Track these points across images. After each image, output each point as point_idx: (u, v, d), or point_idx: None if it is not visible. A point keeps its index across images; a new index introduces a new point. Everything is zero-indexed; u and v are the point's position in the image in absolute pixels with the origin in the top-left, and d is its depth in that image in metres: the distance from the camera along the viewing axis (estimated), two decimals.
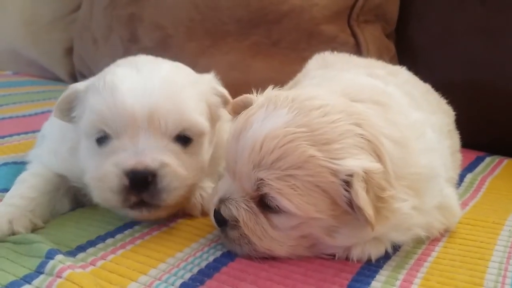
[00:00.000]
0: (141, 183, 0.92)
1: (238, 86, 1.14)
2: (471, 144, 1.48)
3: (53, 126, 1.18)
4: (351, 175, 0.77)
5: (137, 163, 0.92)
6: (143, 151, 0.93)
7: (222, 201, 0.88)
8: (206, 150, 1.05)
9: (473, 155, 1.55)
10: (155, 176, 0.92)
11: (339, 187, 0.79)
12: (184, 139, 0.99)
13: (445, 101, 1.31)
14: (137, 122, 0.94)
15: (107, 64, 1.08)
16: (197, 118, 1.00)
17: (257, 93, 0.95)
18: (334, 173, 0.78)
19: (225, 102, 1.11)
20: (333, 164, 0.78)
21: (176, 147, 0.97)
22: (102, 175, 0.94)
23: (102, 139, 0.97)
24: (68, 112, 1.05)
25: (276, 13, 1.68)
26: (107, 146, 0.96)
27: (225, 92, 1.11)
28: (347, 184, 0.78)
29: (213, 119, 1.08)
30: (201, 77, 1.11)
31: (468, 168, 1.41)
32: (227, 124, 1.20)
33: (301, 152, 0.78)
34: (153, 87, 0.96)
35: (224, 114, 1.15)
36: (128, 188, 0.92)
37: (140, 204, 0.94)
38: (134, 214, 0.96)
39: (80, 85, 1.05)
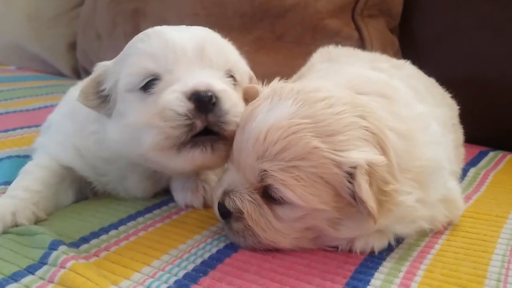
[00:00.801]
0: (206, 104, 0.88)
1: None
2: (474, 139, 1.47)
3: (63, 118, 1.16)
4: (354, 167, 0.77)
5: (200, 84, 0.89)
6: (202, 76, 0.92)
7: (226, 193, 0.88)
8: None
9: (476, 149, 1.54)
10: (218, 98, 0.89)
11: (343, 179, 0.78)
12: (232, 79, 0.99)
13: (449, 95, 1.30)
14: (189, 56, 0.94)
15: (110, 58, 1.06)
16: (239, 63, 1.03)
17: (263, 85, 0.96)
18: (338, 164, 0.78)
19: (250, 79, 1.10)
20: (337, 156, 0.78)
21: (229, 81, 0.97)
22: (163, 104, 0.89)
23: (149, 85, 0.93)
24: (94, 95, 1.01)
25: (280, 7, 1.68)
26: (158, 86, 0.93)
27: (251, 72, 1.12)
28: (351, 176, 0.78)
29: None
30: None
31: (472, 163, 1.41)
32: None
33: (305, 143, 0.78)
34: (199, 32, 1.00)
35: None
36: (193, 112, 0.88)
37: (203, 139, 0.90)
38: (195, 154, 0.90)
39: (107, 62, 1.03)
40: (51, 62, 2.61)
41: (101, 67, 1.03)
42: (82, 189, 1.12)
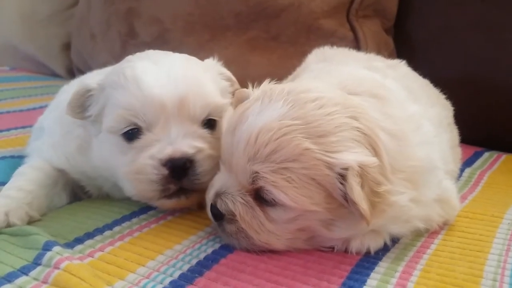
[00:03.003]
0: (180, 171, 0.94)
1: (237, 81, 1.14)
2: (469, 139, 1.48)
3: (54, 121, 1.16)
4: (346, 169, 0.77)
5: (174, 152, 0.94)
6: (176, 139, 0.95)
7: (218, 195, 0.87)
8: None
9: (471, 150, 1.55)
10: (192, 162, 0.94)
11: (335, 180, 0.78)
12: (210, 123, 1.01)
13: (443, 95, 1.30)
14: (168, 111, 0.95)
15: (105, 59, 1.07)
16: (219, 99, 1.02)
17: (253, 87, 0.95)
18: (329, 166, 0.78)
19: (232, 84, 1.12)
20: (328, 158, 0.78)
21: (205, 132, 0.99)
22: (139, 168, 0.95)
23: (131, 133, 0.97)
24: (80, 109, 1.04)
25: (275, 7, 1.68)
26: (139, 139, 0.96)
27: (230, 74, 1.13)
28: (343, 177, 0.77)
29: (226, 103, 1.08)
30: (206, 62, 1.12)
31: (467, 163, 1.42)
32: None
33: (296, 144, 0.78)
34: (177, 77, 0.98)
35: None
36: (168, 177, 0.94)
37: (179, 191, 0.96)
38: (171, 203, 0.98)
39: (91, 83, 1.03)
40: (45, 63, 2.59)
41: (84, 87, 1.03)
42: (76, 191, 1.12)
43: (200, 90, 0.99)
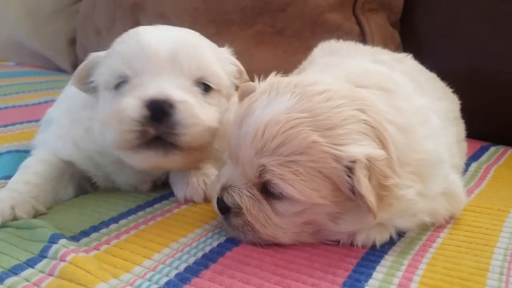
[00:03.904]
0: (160, 113, 0.91)
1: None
2: (475, 134, 1.47)
3: (61, 111, 1.17)
4: (354, 162, 0.76)
5: (158, 93, 0.93)
6: (165, 85, 0.94)
7: (224, 188, 0.87)
8: (221, 110, 1.05)
9: (477, 144, 1.54)
10: (173, 108, 0.92)
11: (342, 173, 0.78)
12: (204, 87, 1.00)
13: (450, 89, 1.30)
14: (160, 61, 0.96)
15: None
16: (217, 68, 1.03)
17: (259, 80, 0.95)
18: (337, 159, 0.77)
19: (240, 74, 1.14)
20: (336, 150, 0.77)
21: (197, 90, 0.99)
22: (121, 108, 0.93)
23: (120, 85, 0.97)
24: (85, 80, 1.06)
25: (281, 1, 1.68)
26: (125, 87, 0.96)
27: (240, 65, 1.14)
28: (350, 170, 0.77)
29: (229, 89, 1.10)
30: (217, 47, 1.13)
31: (473, 157, 1.41)
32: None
33: (304, 137, 0.78)
34: (177, 36, 1.01)
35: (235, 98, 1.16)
36: (147, 118, 0.91)
37: (157, 142, 0.93)
38: (148, 156, 0.95)
39: (100, 53, 1.06)
40: (51, 58, 2.60)
41: (93, 57, 1.07)
42: (82, 183, 1.12)
43: (197, 52, 1.00)
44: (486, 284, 0.77)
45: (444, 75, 1.30)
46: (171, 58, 0.96)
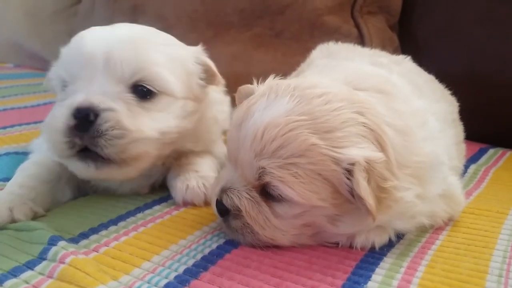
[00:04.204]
0: (84, 122, 0.88)
1: (240, 77, 1.13)
2: (474, 136, 1.47)
3: None
4: (353, 164, 0.77)
5: (83, 101, 0.89)
6: (93, 93, 0.91)
7: (224, 190, 0.87)
8: (178, 115, 1.01)
9: (476, 147, 1.54)
10: (97, 116, 0.89)
11: (341, 175, 0.78)
12: (143, 92, 0.96)
13: (448, 91, 1.30)
14: (93, 65, 0.92)
15: None
16: (160, 70, 0.97)
17: (258, 83, 0.95)
18: (336, 161, 0.77)
19: (209, 74, 1.09)
20: (335, 153, 0.78)
21: (131, 97, 0.94)
22: (52, 118, 0.92)
23: (63, 89, 0.96)
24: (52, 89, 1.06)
25: (279, 4, 1.68)
26: (63, 93, 0.95)
27: (209, 63, 1.09)
28: (349, 173, 0.77)
29: (194, 90, 1.06)
30: (183, 45, 1.10)
31: (472, 159, 1.41)
32: (219, 106, 1.20)
33: (303, 140, 0.78)
34: (116, 36, 0.97)
35: (215, 95, 1.16)
36: (73, 129, 0.89)
37: (88, 154, 0.91)
38: (81, 166, 0.93)
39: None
40: (50, 60, 2.59)
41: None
42: (81, 186, 1.11)
43: (136, 53, 0.95)
44: (485, 286, 0.78)
45: (443, 77, 1.31)
46: (105, 61, 0.93)
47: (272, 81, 0.93)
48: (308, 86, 0.85)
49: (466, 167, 1.32)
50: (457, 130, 1.21)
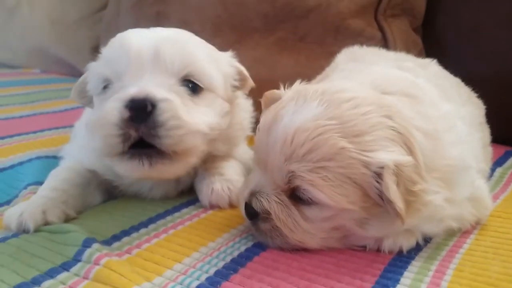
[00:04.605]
0: (140, 113, 0.86)
1: (264, 81, 1.15)
2: (500, 139, 1.46)
3: (82, 122, 1.20)
4: (382, 168, 0.77)
5: (137, 92, 0.88)
6: (147, 85, 0.90)
7: (253, 194, 0.88)
8: (218, 112, 1.02)
9: (502, 149, 1.53)
10: (155, 107, 0.87)
11: (371, 179, 0.79)
12: (192, 86, 0.96)
13: (475, 94, 1.29)
14: (142, 61, 0.92)
15: None
16: (206, 65, 0.98)
17: (284, 88, 0.96)
18: (366, 165, 0.78)
19: (241, 78, 1.11)
20: (364, 156, 0.78)
21: (182, 90, 0.95)
22: (103, 113, 0.89)
23: (106, 89, 0.95)
24: (83, 93, 1.06)
25: (303, 8, 1.68)
26: (108, 91, 0.94)
27: (242, 67, 1.11)
28: (378, 176, 0.78)
29: (228, 92, 1.07)
30: (218, 51, 1.12)
31: (498, 162, 1.40)
32: (244, 113, 1.21)
33: (332, 144, 0.79)
34: (161, 34, 0.98)
35: (241, 101, 1.17)
36: (128, 120, 0.87)
37: (141, 150, 0.89)
38: (133, 165, 0.90)
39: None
40: (75, 65, 2.65)
41: (88, 67, 1.06)
42: (110, 190, 1.14)
43: (182, 49, 0.96)
44: None
45: (468, 80, 1.30)
46: (153, 56, 0.92)
47: (299, 86, 0.94)
48: (336, 90, 0.86)
49: (493, 170, 1.31)
50: (484, 133, 1.20)
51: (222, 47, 1.78)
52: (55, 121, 1.66)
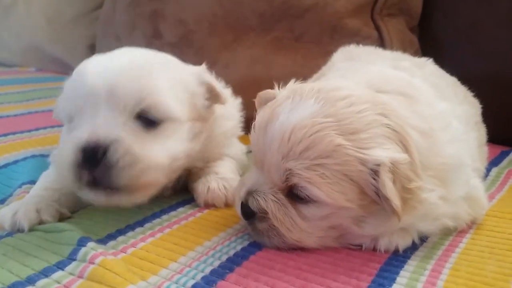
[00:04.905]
0: (92, 159, 0.88)
1: (260, 81, 1.15)
2: (496, 139, 1.46)
3: None
4: (378, 165, 0.78)
5: (89, 137, 0.89)
6: (99, 126, 0.91)
7: (250, 193, 0.88)
8: (185, 139, 1.02)
9: (497, 149, 1.53)
10: (106, 151, 0.88)
11: (367, 176, 0.79)
12: (148, 120, 0.95)
13: (471, 93, 1.29)
14: (97, 97, 0.92)
15: None
16: (163, 99, 0.97)
17: (279, 87, 0.96)
18: (362, 162, 0.79)
19: (213, 94, 1.08)
20: (361, 154, 0.79)
21: (137, 126, 0.94)
22: (60, 152, 0.94)
23: (70, 122, 0.97)
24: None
25: (299, 7, 1.68)
26: (70, 127, 0.97)
27: (213, 82, 1.08)
28: (375, 173, 0.78)
29: (199, 111, 1.06)
30: (186, 67, 1.10)
31: (494, 162, 1.40)
32: (227, 122, 1.20)
33: (329, 141, 0.79)
34: (117, 66, 0.96)
35: (223, 111, 1.16)
36: (81, 164, 0.89)
37: (95, 184, 0.90)
38: (91, 196, 0.92)
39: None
40: (71, 64, 2.63)
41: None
42: None
43: (138, 83, 0.95)
44: None
45: (464, 80, 1.30)
46: (108, 93, 0.92)
47: (294, 84, 0.94)
48: (331, 88, 0.86)
49: (488, 170, 1.31)
50: (480, 132, 1.21)
51: (218, 46, 1.79)
52: (50, 120, 1.63)
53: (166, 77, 1.00)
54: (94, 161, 0.88)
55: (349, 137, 0.79)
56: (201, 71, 1.10)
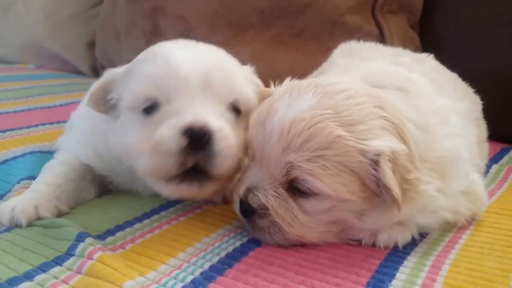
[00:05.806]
0: (198, 142, 0.87)
1: (261, 77, 1.14)
2: (496, 136, 1.45)
3: (82, 117, 1.17)
4: (378, 155, 0.78)
5: (195, 120, 0.88)
6: (200, 112, 0.90)
7: (249, 189, 0.88)
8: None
9: (498, 147, 1.53)
10: (211, 138, 0.88)
11: (368, 166, 0.79)
12: (235, 111, 0.97)
13: (472, 90, 1.29)
14: (192, 86, 0.92)
15: (129, 57, 1.06)
16: (248, 90, 0.99)
17: (275, 85, 0.96)
18: (362, 153, 0.79)
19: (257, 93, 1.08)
20: (360, 145, 0.79)
21: (231, 116, 0.95)
22: (159, 139, 0.89)
23: (150, 109, 0.93)
24: (102, 101, 1.03)
25: (300, 3, 1.68)
26: (157, 113, 0.93)
27: (259, 82, 1.10)
28: (375, 163, 0.78)
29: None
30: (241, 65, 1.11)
31: (494, 159, 1.40)
32: None
33: (329, 132, 0.79)
34: (206, 58, 0.97)
35: None
36: (186, 149, 0.87)
37: (191, 173, 0.90)
38: (183, 187, 0.92)
39: (117, 70, 1.04)
40: (70, 61, 2.64)
41: (110, 75, 1.03)
42: (105, 184, 1.13)
43: (229, 75, 0.96)
44: (510, 285, 0.77)
45: (464, 78, 1.30)
46: (204, 82, 0.92)
47: (290, 81, 0.94)
48: (329, 83, 0.87)
49: (489, 167, 1.31)
50: (480, 129, 1.21)
51: (218, 43, 1.77)
52: (49, 116, 1.65)
53: (242, 74, 1.02)
54: (200, 144, 0.87)
55: (348, 128, 0.80)
56: (250, 70, 1.11)
